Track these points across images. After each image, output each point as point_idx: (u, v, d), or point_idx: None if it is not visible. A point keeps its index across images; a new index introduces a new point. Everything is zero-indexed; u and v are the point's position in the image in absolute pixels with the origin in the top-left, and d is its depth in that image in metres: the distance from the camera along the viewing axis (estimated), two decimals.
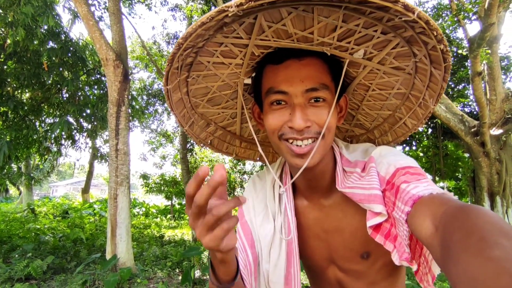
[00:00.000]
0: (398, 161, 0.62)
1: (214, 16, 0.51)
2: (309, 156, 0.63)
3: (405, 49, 0.64)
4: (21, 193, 16.03)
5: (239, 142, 0.97)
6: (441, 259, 0.38)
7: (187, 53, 0.65)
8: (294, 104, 0.64)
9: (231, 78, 0.77)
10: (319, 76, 0.65)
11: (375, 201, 0.60)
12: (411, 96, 0.75)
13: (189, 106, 0.82)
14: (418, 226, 0.47)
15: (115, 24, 5.11)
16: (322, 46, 0.65)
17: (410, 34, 0.59)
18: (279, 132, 0.65)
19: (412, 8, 0.49)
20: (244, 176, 15.51)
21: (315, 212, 0.77)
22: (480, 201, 6.05)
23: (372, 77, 0.74)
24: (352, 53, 0.67)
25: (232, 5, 0.49)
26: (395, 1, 0.48)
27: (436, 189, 0.51)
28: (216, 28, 0.60)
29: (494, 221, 0.34)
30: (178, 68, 0.68)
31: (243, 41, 0.65)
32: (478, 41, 4.77)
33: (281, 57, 0.66)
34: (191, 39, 0.57)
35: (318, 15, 0.58)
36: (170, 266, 5.20)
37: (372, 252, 0.71)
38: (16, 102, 6.30)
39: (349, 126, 0.91)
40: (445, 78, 0.64)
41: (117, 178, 4.61)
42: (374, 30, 0.60)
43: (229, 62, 0.71)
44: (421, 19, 0.50)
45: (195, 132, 0.89)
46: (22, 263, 4.35)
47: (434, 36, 0.54)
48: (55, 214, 11.20)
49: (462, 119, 6.07)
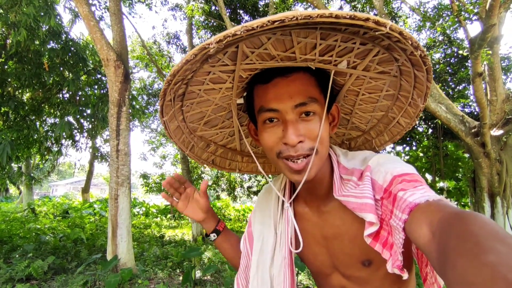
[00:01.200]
0: (395, 169, 0.62)
1: (197, 53, 0.54)
2: (306, 171, 0.65)
3: (387, 55, 0.66)
4: (21, 193, 16.03)
5: (240, 157, 1.00)
6: (438, 265, 0.39)
7: (178, 86, 0.68)
8: (286, 120, 0.65)
9: (224, 100, 0.79)
10: (307, 89, 0.66)
11: (365, 210, 0.61)
12: (401, 96, 0.78)
13: (187, 131, 0.85)
14: (415, 233, 0.48)
15: (115, 24, 5.11)
16: (306, 62, 0.66)
17: (387, 43, 0.61)
18: (276, 150, 0.67)
19: (384, 22, 0.51)
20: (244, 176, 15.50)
21: (314, 218, 0.79)
22: (480, 202, 6.05)
23: (360, 83, 0.76)
24: (336, 64, 0.69)
25: (212, 42, 0.52)
26: (366, 19, 0.50)
27: (432, 195, 0.52)
28: (202, 61, 0.62)
29: (489, 227, 0.35)
30: (171, 100, 0.71)
31: (230, 67, 0.68)
32: (479, 41, 4.77)
33: (269, 76, 0.67)
34: (179, 74, 0.60)
35: (296, 36, 0.60)
36: (171, 266, 5.20)
37: (374, 260, 0.72)
38: (17, 102, 6.29)
39: (346, 130, 0.93)
40: (428, 79, 0.66)
41: (117, 179, 4.61)
42: (353, 43, 0.62)
43: (219, 87, 0.74)
44: (394, 31, 0.53)
45: (197, 154, 0.92)
46: (23, 264, 4.35)
47: (410, 44, 0.56)
48: (55, 214, 11.21)
49: (463, 119, 6.07)
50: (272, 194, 0.87)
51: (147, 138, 16.23)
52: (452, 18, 5.76)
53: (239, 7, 9.58)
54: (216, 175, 14.94)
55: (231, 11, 9.45)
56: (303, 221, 0.80)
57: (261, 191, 0.94)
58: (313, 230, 0.79)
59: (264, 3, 9.92)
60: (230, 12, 9.47)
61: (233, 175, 14.95)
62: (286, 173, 0.68)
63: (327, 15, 0.48)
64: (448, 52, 8.40)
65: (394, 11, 9.54)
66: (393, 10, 9.50)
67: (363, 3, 9.32)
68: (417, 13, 9.08)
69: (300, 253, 0.83)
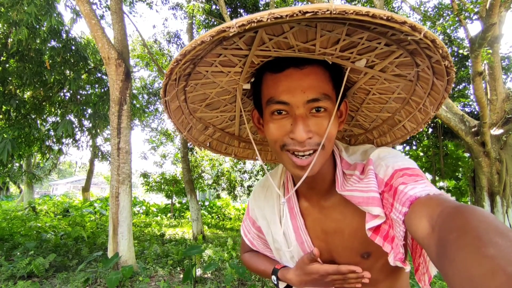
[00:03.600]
0: (396, 163, 0.63)
1: (215, 35, 0.51)
2: (309, 167, 0.63)
3: (408, 59, 0.63)
4: (22, 191, 16.06)
5: (237, 142, 0.98)
6: (437, 258, 0.39)
7: (186, 66, 0.65)
8: (296, 115, 0.63)
9: (230, 84, 0.77)
10: (321, 85, 0.63)
11: (373, 204, 0.61)
12: (411, 101, 0.76)
13: (187, 112, 0.82)
14: (415, 226, 0.48)
15: (116, 23, 5.12)
16: (323, 56, 0.64)
17: (414, 47, 0.58)
18: (281, 143, 0.65)
19: (419, 28, 0.48)
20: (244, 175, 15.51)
21: (315, 213, 0.79)
22: (480, 201, 6.06)
23: (373, 83, 0.74)
24: (354, 62, 0.66)
25: (233, 25, 0.48)
26: (403, 22, 0.48)
27: (433, 190, 0.52)
28: (217, 43, 0.60)
29: (489, 221, 0.35)
30: (176, 79, 0.68)
31: (243, 52, 0.65)
32: (479, 41, 4.78)
33: (281, 65, 0.64)
34: (191, 55, 0.57)
35: (322, 29, 0.57)
36: (171, 264, 5.22)
37: (373, 252, 0.72)
38: (18, 100, 6.31)
39: (348, 126, 0.92)
40: (447, 89, 0.64)
41: (118, 177, 4.63)
42: (377, 42, 0.60)
43: (227, 70, 0.71)
44: (428, 38, 0.50)
45: (194, 135, 0.90)
46: (24, 261, 4.37)
47: (440, 53, 0.54)
48: (56, 213, 11.23)
49: (463, 119, 6.08)
50: (271, 190, 0.86)
51: (148, 137, 16.23)
52: (453, 17, 5.76)
53: (239, 6, 9.59)
54: (217, 174, 14.95)
55: (231, 10, 9.46)
56: (303, 216, 0.80)
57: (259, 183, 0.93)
58: (313, 225, 0.79)
59: (264, 2, 9.92)
60: (231, 11, 9.48)
61: (233, 174, 14.94)
62: (289, 167, 0.67)
63: (364, 13, 0.46)
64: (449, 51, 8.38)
65: (395, 10, 9.55)
66: (394, 9, 9.50)
67: (364, 3, 9.32)
68: (417, 13, 9.09)
69: None
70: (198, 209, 8.26)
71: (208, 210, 14.70)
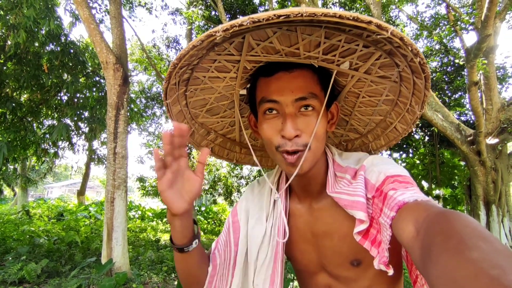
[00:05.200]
0: (388, 170, 0.64)
1: (204, 39, 0.56)
2: (298, 165, 0.67)
3: (388, 60, 0.67)
4: (16, 194, 15.87)
5: (239, 148, 1.01)
6: (420, 261, 0.39)
7: (183, 71, 0.69)
8: (286, 114, 0.67)
9: (227, 90, 0.81)
10: (308, 86, 0.68)
11: (357, 208, 0.63)
12: (399, 102, 0.79)
13: (189, 116, 0.86)
14: (401, 230, 0.49)
15: (116, 27, 5.13)
16: (309, 59, 0.68)
17: (389, 48, 0.62)
18: (275, 144, 0.69)
19: (386, 27, 0.52)
20: (241, 180, 15.48)
21: (306, 215, 0.79)
22: (476, 210, 6.08)
23: (361, 85, 0.78)
24: (339, 64, 0.71)
25: (219, 30, 0.53)
26: (369, 22, 0.51)
27: (422, 196, 0.53)
28: (208, 48, 0.64)
29: (473, 226, 0.36)
30: (176, 84, 0.72)
31: (235, 57, 0.70)
32: (475, 51, 4.84)
33: (272, 70, 0.70)
34: (185, 59, 0.62)
35: (302, 33, 0.62)
36: (166, 271, 5.16)
37: (363, 260, 0.73)
38: (14, 103, 6.27)
39: (344, 131, 0.95)
40: (426, 87, 0.68)
41: (114, 182, 4.59)
42: (356, 45, 0.64)
43: (223, 76, 0.75)
44: (395, 36, 0.54)
45: (196, 140, 0.93)
46: (16, 266, 4.30)
47: (410, 50, 0.58)
48: (50, 216, 11.09)
49: (459, 127, 6.13)
50: (265, 187, 0.87)
51: (145, 141, 16.18)
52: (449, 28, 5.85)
53: (238, 13, 9.67)
54: (213, 179, 14.91)
55: (230, 16, 9.53)
56: (294, 218, 0.81)
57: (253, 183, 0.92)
58: (303, 227, 0.79)
59: (263, 9, 10.02)
60: (230, 18, 9.55)
61: (230, 180, 14.91)
62: (282, 165, 0.70)
63: (331, 14, 0.50)
64: (445, 60, 8.51)
65: (392, 19, 9.67)
66: (391, 18, 9.63)
67: (362, 11, 9.43)
68: (414, 22, 9.21)
69: (287, 250, 0.83)
70: (194, 215, 8.21)
71: (204, 216, 14.61)
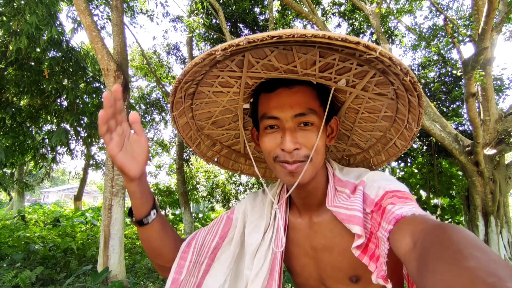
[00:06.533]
0: (388, 185, 0.65)
1: (205, 57, 0.59)
2: (299, 175, 0.69)
3: (383, 78, 0.69)
4: (12, 199, 15.72)
5: (243, 159, 1.03)
6: (417, 272, 0.40)
7: (188, 85, 0.73)
8: (285, 128, 0.69)
9: (232, 104, 0.84)
10: (307, 102, 0.70)
11: (353, 222, 0.63)
12: (398, 119, 0.80)
13: (195, 128, 0.90)
14: (398, 242, 0.50)
15: (117, 35, 5.17)
16: (307, 76, 0.70)
17: (382, 67, 0.64)
18: (274, 155, 0.71)
19: (373, 47, 0.54)
20: (239, 187, 15.42)
21: (306, 229, 0.80)
22: (474, 220, 6.07)
23: (359, 102, 0.80)
24: (336, 82, 0.73)
25: (218, 49, 0.56)
26: (357, 43, 0.53)
27: (419, 211, 0.54)
28: (211, 65, 0.67)
29: (470, 238, 0.37)
30: (182, 97, 0.76)
31: (237, 73, 0.73)
32: (472, 63, 4.90)
33: (273, 86, 0.72)
34: (189, 74, 0.65)
35: (297, 52, 0.64)
36: (163, 279, 5.10)
37: (362, 277, 0.73)
38: (14, 108, 6.27)
39: (346, 146, 0.97)
40: (420, 104, 0.69)
41: (112, 189, 4.57)
42: (350, 63, 0.66)
43: (227, 90, 0.79)
44: (384, 56, 0.55)
45: (202, 151, 0.96)
46: (10, 273, 4.24)
47: (400, 70, 0.59)
48: (46, 222, 10.96)
49: (457, 138, 6.16)
50: (267, 198, 0.87)
51: None
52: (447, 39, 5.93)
53: (239, 21, 9.76)
54: (211, 186, 14.85)
55: (231, 24, 9.62)
56: (294, 231, 0.81)
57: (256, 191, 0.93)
58: (303, 241, 0.80)
59: (264, 18, 10.12)
60: (231, 26, 9.64)
61: (228, 187, 14.85)
62: (281, 175, 0.72)
63: (321, 36, 0.52)
64: (443, 71, 8.60)
65: (391, 30, 9.79)
66: (390, 29, 9.75)
67: (361, 22, 9.55)
68: (412, 33, 9.34)
69: (288, 263, 0.84)
70: (191, 221, 8.16)
71: (202, 223, 14.50)
